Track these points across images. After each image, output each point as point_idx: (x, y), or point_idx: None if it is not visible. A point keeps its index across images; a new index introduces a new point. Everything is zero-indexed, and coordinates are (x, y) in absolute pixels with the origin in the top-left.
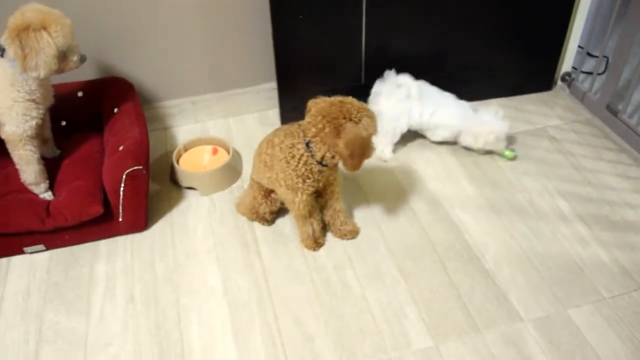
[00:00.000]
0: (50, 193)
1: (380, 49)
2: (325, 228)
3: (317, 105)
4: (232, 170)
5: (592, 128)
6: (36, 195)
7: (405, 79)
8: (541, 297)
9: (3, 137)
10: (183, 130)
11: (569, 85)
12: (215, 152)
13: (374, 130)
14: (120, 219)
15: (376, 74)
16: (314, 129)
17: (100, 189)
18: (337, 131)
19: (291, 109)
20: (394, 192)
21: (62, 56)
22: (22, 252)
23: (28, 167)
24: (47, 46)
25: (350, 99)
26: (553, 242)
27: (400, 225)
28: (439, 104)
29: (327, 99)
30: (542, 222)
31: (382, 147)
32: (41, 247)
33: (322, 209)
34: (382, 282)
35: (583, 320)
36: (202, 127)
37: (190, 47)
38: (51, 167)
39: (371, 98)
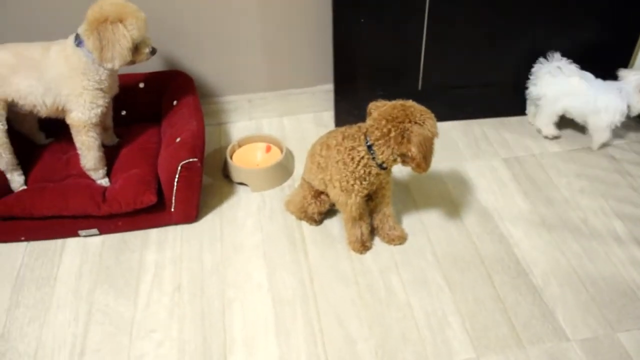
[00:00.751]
0: (107, 180)
1: (439, 56)
2: (373, 232)
3: (379, 108)
4: (284, 169)
5: None
6: (94, 180)
7: (566, 63)
8: (590, 318)
9: (68, 122)
10: (238, 126)
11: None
12: (268, 149)
13: (436, 131)
14: (173, 209)
15: (433, 80)
16: (377, 132)
17: (155, 178)
18: (403, 135)
19: (346, 112)
20: (444, 201)
21: (135, 48)
22: (77, 235)
23: (89, 153)
24: (122, 38)
25: (410, 102)
26: (606, 263)
27: (448, 235)
28: (600, 88)
29: (388, 102)
30: (595, 242)
31: (544, 127)
32: (95, 231)
33: (371, 212)
34: (427, 289)
35: (633, 345)
36: (256, 125)
37: (250, 45)
38: (110, 155)
39: (531, 80)
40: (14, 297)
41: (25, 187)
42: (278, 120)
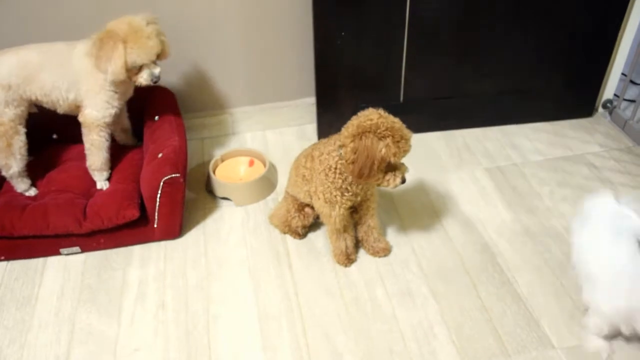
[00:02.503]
0: (107, 183)
1: (420, 68)
2: (357, 244)
3: (358, 117)
4: (267, 183)
5: (633, 156)
6: (76, 196)
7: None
8: (575, 326)
9: (81, 120)
10: (220, 141)
11: (610, 113)
12: (251, 163)
13: (392, 154)
14: (155, 225)
15: (415, 92)
16: (345, 132)
17: (138, 193)
18: (356, 137)
19: (329, 124)
20: (428, 213)
21: (135, 70)
22: (59, 253)
23: (98, 153)
24: (117, 58)
25: (394, 119)
26: None
27: (433, 246)
28: None
29: (375, 110)
30: None
31: (592, 338)
32: (77, 249)
33: (356, 224)
34: (413, 301)
35: (618, 352)
36: (239, 139)
37: (231, 59)
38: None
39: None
40: None
41: (35, 190)
42: (261, 134)
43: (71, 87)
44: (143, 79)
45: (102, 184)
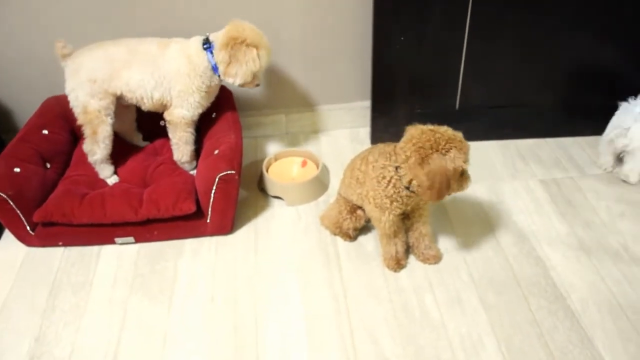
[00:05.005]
0: (195, 171)
1: (478, 75)
2: (408, 250)
3: (410, 131)
4: (319, 184)
5: None
6: (132, 186)
7: None
8: (631, 346)
9: (168, 118)
10: (274, 140)
11: None
12: (304, 164)
13: (462, 163)
14: (208, 220)
15: (471, 100)
16: (403, 155)
17: (194, 188)
18: (422, 161)
19: (382, 129)
20: (480, 222)
21: (253, 76)
22: (113, 242)
23: (186, 147)
24: (251, 61)
25: (444, 128)
26: None
27: (484, 256)
28: None
29: (421, 126)
30: (636, 268)
31: (634, 172)
32: (131, 239)
33: (407, 230)
34: (462, 310)
35: None
36: (293, 139)
37: (289, 61)
38: (151, 162)
39: (616, 131)
40: (50, 301)
41: (117, 178)
42: (314, 135)
43: (158, 86)
44: (253, 84)
45: (192, 172)
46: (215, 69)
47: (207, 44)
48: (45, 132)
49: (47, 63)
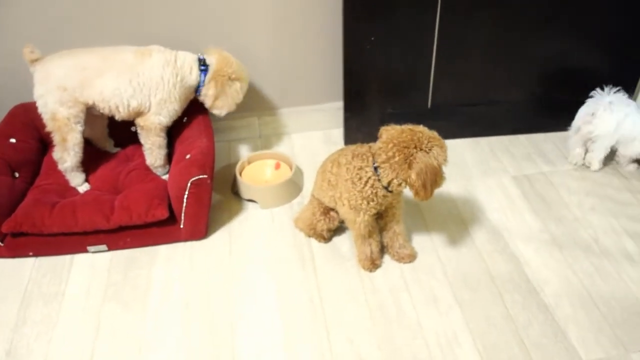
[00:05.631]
0: (167, 176)
1: (448, 74)
2: (383, 250)
3: (388, 132)
4: (293, 186)
5: None
6: (104, 193)
7: (618, 97)
8: (603, 338)
9: (142, 124)
10: (247, 143)
11: None
12: (277, 167)
13: (443, 160)
14: (182, 226)
15: (442, 98)
16: (384, 155)
17: (166, 194)
18: (408, 161)
19: (355, 129)
20: (454, 220)
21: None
22: (86, 251)
23: (159, 151)
24: (235, 94)
25: (421, 127)
26: (618, 283)
27: (458, 253)
28: None
29: (398, 126)
30: (606, 261)
31: (598, 162)
32: (104, 247)
33: (381, 230)
34: (437, 308)
35: None
36: (266, 142)
37: (260, 63)
38: (122, 170)
39: (582, 117)
40: (21, 313)
41: (88, 185)
42: (287, 138)
43: (137, 94)
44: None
45: (165, 177)
46: (197, 90)
47: (205, 67)
48: (13, 140)
49: (14, 70)
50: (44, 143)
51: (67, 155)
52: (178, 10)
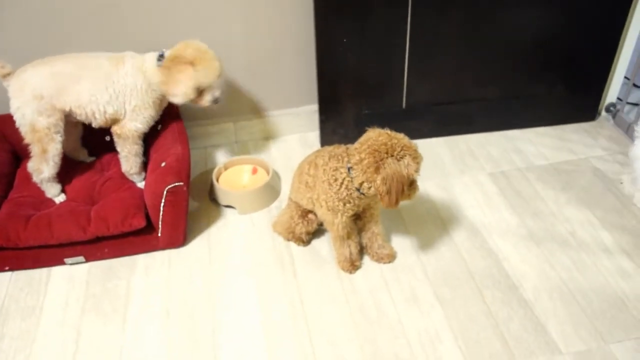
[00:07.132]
0: (143, 183)
1: (422, 73)
2: (362, 251)
3: (367, 134)
4: (271, 190)
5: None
6: (79, 204)
7: None
8: (582, 330)
9: (119, 132)
10: (223, 149)
11: (614, 116)
12: (254, 171)
13: (414, 171)
14: (159, 234)
15: (417, 98)
16: (357, 157)
17: (143, 203)
18: (377, 164)
19: (331, 131)
20: (433, 219)
21: (199, 92)
22: (63, 263)
23: (135, 159)
24: (188, 80)
25: (401, 135)
26: (595, 275)
27: (437, 252)
28: None
29: (379, 130)
30: (584, 254)
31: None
32: (81, 258)
33: (360, 231)
34: (418, 307)
35: (625, 356)
36: (242, 147)
37: (233, 67)
38: (98, 179)
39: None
40: None
41: (64, 196)
42: (264, 142)
43: (113, 101)
44: (205, 100)
45: (140, 184)
46: None
47: (161, 61)
48: None
49: None
50: (17, 155)
51: (45, 166)
52: (150, 15)
